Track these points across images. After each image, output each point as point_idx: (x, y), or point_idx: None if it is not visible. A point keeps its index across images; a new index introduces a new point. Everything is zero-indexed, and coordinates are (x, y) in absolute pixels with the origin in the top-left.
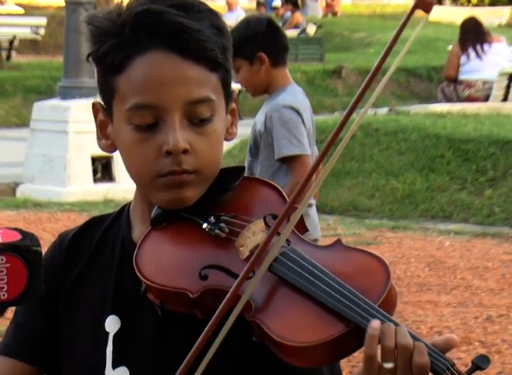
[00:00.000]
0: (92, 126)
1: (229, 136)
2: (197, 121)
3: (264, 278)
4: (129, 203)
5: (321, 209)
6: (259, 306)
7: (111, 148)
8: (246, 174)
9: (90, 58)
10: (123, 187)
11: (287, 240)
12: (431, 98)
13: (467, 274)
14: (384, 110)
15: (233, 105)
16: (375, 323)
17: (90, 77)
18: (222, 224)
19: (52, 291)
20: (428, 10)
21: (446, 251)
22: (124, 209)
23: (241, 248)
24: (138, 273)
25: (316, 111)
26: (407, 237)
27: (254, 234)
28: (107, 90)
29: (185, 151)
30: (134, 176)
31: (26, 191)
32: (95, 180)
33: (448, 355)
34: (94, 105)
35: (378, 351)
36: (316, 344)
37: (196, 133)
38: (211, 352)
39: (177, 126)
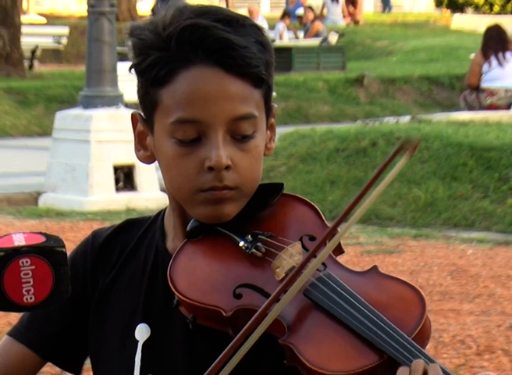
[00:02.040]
0: (114, 136)
1: (267, 151)
2: (239, 137)
3: (300, 302)
4: (164, 210)
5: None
6: (293, 330)
7: (149, 159)
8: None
9: (113, 68)
10: (145, 196)
11: (323, 263)
12: (453, 107)
13: (489, 282)
14: (406, 118)
15: (272, 119)
16: (419, 363)
17: (112, 86)
18: (259, 244)
19: (80, 289)
20: (412, 152)
21: (468, 260)
22: (159, 216)
23: (277, 270)
24: (172, 287)
25: (338, 119)
26: (430, 245)
27: (290, 256)
28: (149, 102)
29: (227, 168)
30: (174, 189)
31: (49, 200)
32: (117, 189)
33: (471, 363)
34: (133, 116)
35: None
36: (348, 374)
37: (238, 149)
38: (229, 368)
39: (220, 142)
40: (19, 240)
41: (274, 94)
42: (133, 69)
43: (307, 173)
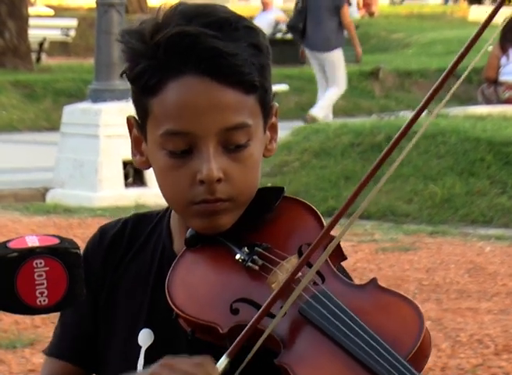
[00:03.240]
0: (123, 130)
1: (267, 153)
2: (232, 147)
3: (295, 320)
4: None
5: None
6: (288, 348)
7: (145, 164)
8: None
9: (122, 61)
10: (155, 192)
11: (321, 275)
12: (470, 100)
13: (508, 280)
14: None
15: (273, 119)
16: None
17: (121, 80)
18: (255, 257)
19: (94, 287)
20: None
21: (486, 257)
22: (167, 212)
23: (273, 285)
24: (169, 300)
25: (352, 113)
26: (446, 242)
27: (286, 271)
28: (141, 109)
29: (219, 180)
30: (168, 200)
31: (57, 196)
32: (127, 185)
33: (489, 363)
34: (128, 120)
35: None
36: None
37: (231, 160)
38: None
39: (211, 155)
40: (32, 241)
41: (287, 87)
42: (124, 75)
43: (321, 169)
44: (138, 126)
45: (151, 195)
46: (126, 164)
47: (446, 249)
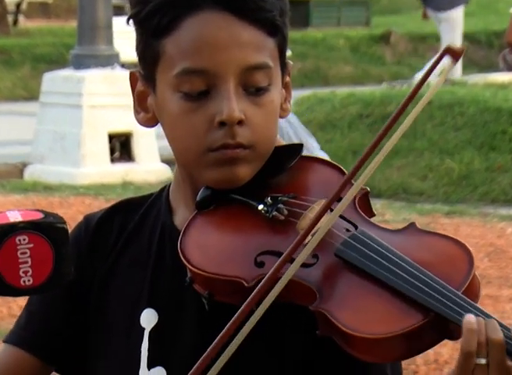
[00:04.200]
0: (109, 100)
1: (283, 113)
2: (253, 90)
3: (331, 264)
4: (169, 185)
5: None
6: (325, 295)
7: (150, 121)
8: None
9: (107, 23)
10: (144, 168)
11: (353, 223)
12: (491, 67)
13: None
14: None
15: (287, 78)
16: (471, 316)
17: (106, 44)
18: (281, 205)
19: (77, 278)
20: (457, 58)
21: (508, 240)
22: (163, 192)
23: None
24: (184, 261)
25: (361, 82)
26: (464, 223)
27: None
28: (150, 55)
29: (240, 122)
30: (180, 151)
31: (36, 172)
32: (113, 160)
33: None
34: (132, 75)
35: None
36: (392, 336)
37: (251, 104)
38: (241, 336)
39: (232, 94)
40: (14, 216)
41: (289, 52)
42: (131, 21)
43: (327, 142)
44: (144, 78)
45: (139, 172)
46: (111, 137)
47: (463, 231)
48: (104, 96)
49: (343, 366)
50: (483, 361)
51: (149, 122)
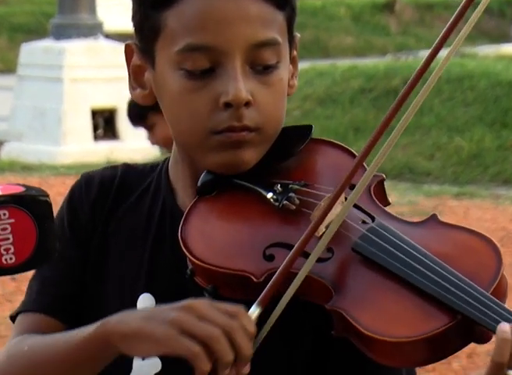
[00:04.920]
0: (92, 73)
1: (289, 89)
2: (260, 68)
3: (348, 259)
4: (167, 160)
5: None
6: (341, 293)
7: (148, 98)
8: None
9: None
10: (129, 146)
11: (370, 215)
12: (503, 38)
13: None
14: (446, 52)
15: (294, 52)
16: (506, 325)
17: (89, 13)
18: (292, 194)
19: (83, 242)
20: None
21: None
22: (160, 167)
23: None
24: (186, 252)
25: (364, 53)
26: (475, 206)
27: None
28: (149, 28)
29: (247, 104)
30: (181, 133)
31: (13, 150)
32: (96, 138)
33: None
34: (127, 47)
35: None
36: (415, 340)
37: (259, 83)
38: (261, 337)
39: (239, 73)
40: None
41: None
42: None
43: (326, 119)
44: (141, 52)
45: (124, 150)
46: (94, 113)
47: (473, 214)
48: (86, 69)
49: (357, 367)
50: None
51: (146, 99)
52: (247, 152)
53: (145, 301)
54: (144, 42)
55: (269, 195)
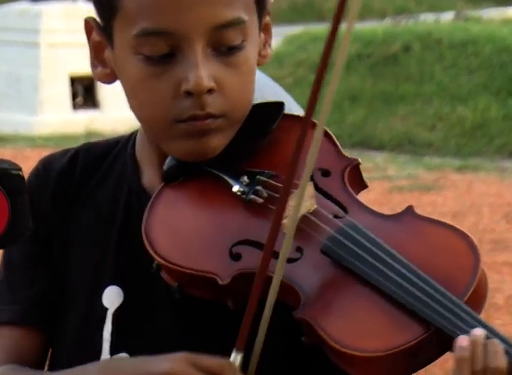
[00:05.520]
0: (71, 38)
1: (261, 59)
2: (224, 49)
3: (317, 263)
4: (134, 134)
5: (366, 144)
6: (310, 299)
7: (109, 77)
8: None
9: None
10: (111, 116)
11: (343, 206)
12: (509, 0)
13: None
14: (449, 15)
15: (267, 18)
16: (464, 340)
17: None
18: (259, 187)
19: (44, 234)
20: None
21: None
22: (129, 141)
23: (284, 221)
24: (149, 248)
25: (361, 16)
26: (479, 179)
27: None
28: (106, 6)
29: (210, 91)
30: (144, 120)
31: None
32: (75, 107)
33: None
34: (86, 23)
35: None
36: (387, 354)
37: (223, 65)
38: (256, 357)
39: (199, 59)
40: None
41: None
42: None
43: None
44: (100, 29)
45: (105, 120)
46: (73, 80)
47: (477, 188)
48: (64, 33)
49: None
50: None
51: (108, 78)
52: (214, 139)
53: (112, 294)
54: (102, 19)
55: (235, 188)
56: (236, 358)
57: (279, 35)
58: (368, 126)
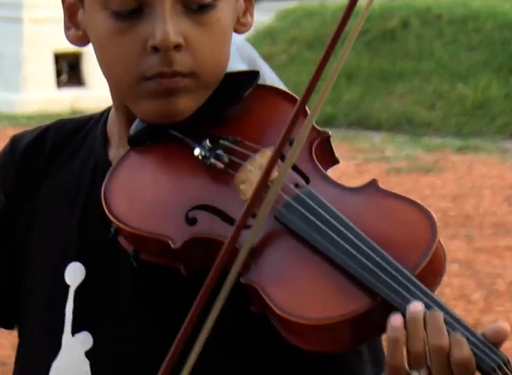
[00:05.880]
0: (56, 13)
1: (241, 27)
2: (195, 7)
3: (269, 229)
4: (109, 109)
5: (363, 124)
6: (260, 266)
7: (81, 40)
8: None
9: None
10: (96, 94)
11: (306, 176)
12: None
13: None
14: None
15: None
16: (397, 319)
17: None
18: (220, 151)
19: (7, 213)
20: None
21: None
22: (101, 117)
23: (242, 186)
24: (107, 210)
25: None
26: (479, 161)
27: (260, 168)
28: None
29: (177, 47)
30: (111, 79)
31: None
32: (59, 84)
33: None
34: None
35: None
36: (331, 323)
37: (194, 23)
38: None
39: (167, 14)
40: None
41: None
42: None
43: (315, 64)
44: None
45: (90, 98)
46: (58, 57)
47: (478, 170)
48: (49, 8)
49: (290, 350)
50: (421, 373)
51: (80, 40)
52: (182, 100)
53: (74, 271)
54: None
55: (197, 152)
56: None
57: (272, 10)
58: (365, 105)
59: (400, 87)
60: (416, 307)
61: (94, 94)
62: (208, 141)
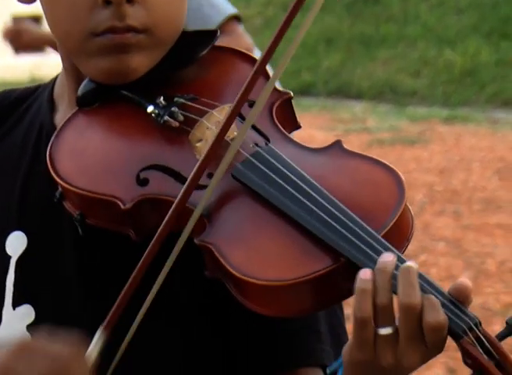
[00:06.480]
0: None
1: None
2: None
3: (226, 187)
4: (58, 75)
5: (344, 92)
6: (215, 226)
7: None
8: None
9: None
10: (57, 61)
11: (266, 137)
12: None
13: None
14: None
15: None
16: (366, 272)
17: None
18: (175, 109)
19: None
20: None
21: None
22: (50, 84)
23: (198, 144)
24: (52, 170)
25: None
26: (468, 132)
27: (217, 125)
28: None
29: (131, 1)
30: (61, 36)
31: None
32: (17, 51)
33: None
34: None
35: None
36: (289, 284)
37: None
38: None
39: None
40: None
41: None
42: None
43: (294, 28)
44: None
45: (51, 65)
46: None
47: (467, 141)
48: None
49: (246, 317)
50: (388, 330)
51: None
52: (135, 58)
53: (16, 240)
54: None
55: (150, 109)
56: (98, 338)
57: None
58: (346, 73)
59: (383, 53)
60: (387, 257)
61: (55, 62)
62: (162, 98)
